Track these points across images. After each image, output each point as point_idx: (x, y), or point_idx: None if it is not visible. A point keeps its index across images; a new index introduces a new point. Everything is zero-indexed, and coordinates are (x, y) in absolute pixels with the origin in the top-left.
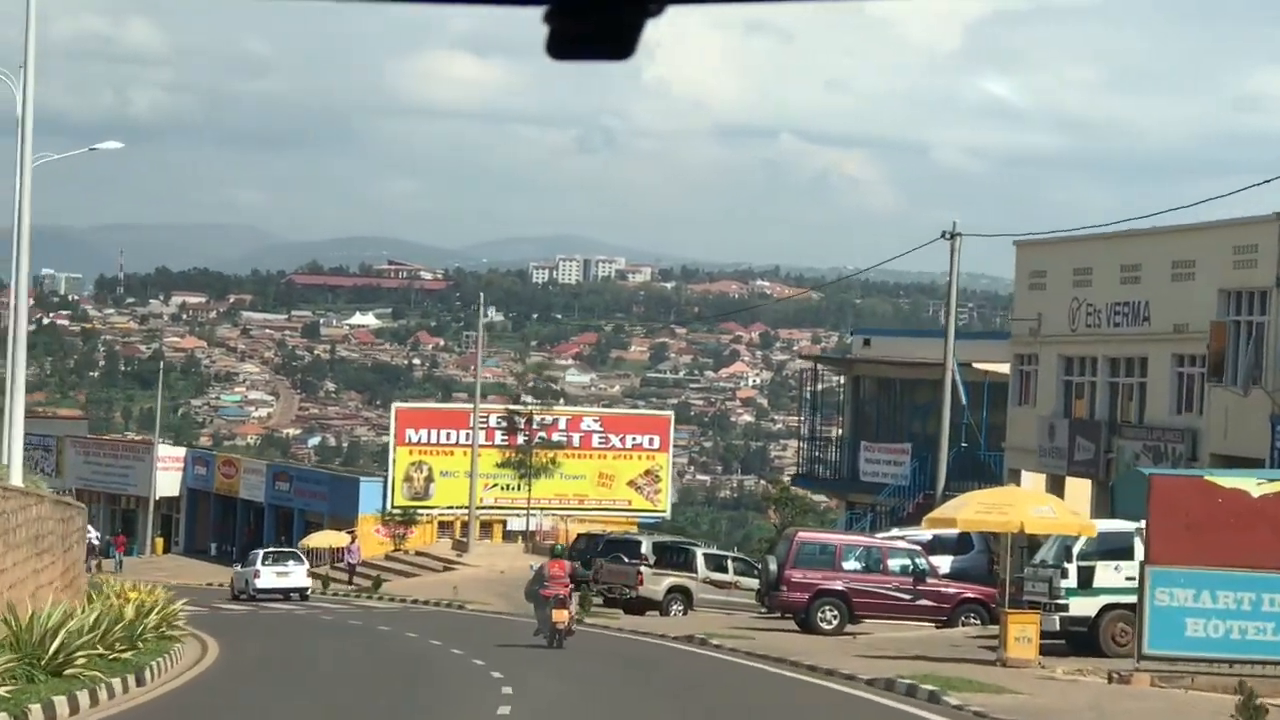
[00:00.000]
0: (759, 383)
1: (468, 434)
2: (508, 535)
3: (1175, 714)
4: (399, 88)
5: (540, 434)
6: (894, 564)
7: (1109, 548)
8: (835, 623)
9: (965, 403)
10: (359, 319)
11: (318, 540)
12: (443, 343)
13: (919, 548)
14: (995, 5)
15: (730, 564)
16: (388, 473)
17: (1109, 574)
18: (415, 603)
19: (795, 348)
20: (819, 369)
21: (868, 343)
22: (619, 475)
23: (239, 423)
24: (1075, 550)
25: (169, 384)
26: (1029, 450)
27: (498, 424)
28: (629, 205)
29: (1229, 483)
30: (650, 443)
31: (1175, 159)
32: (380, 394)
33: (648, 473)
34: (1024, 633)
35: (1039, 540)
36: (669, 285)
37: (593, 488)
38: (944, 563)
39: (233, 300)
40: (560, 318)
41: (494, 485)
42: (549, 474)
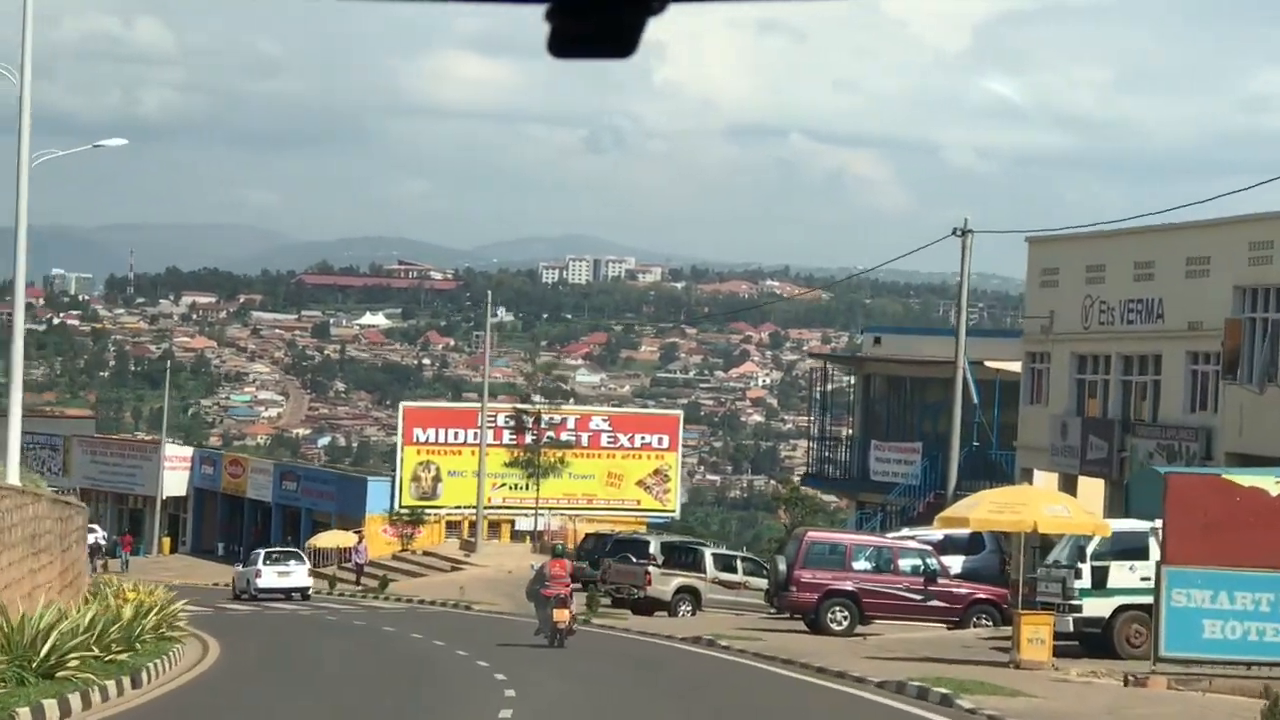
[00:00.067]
0: (769, 383)
1: (476, 433)
2: (516, 535)
3: (1195, 718)
4: (409, 88)
5: (548, 433)
6: (905, 564)
7: (1123, 548)
8: (845, 623)
9: (976, 401)
10: (369, 319)
11: (325, 540)
12: (453, 343)
13: (930, 548)
14: (1004, 5)
15: (739, 564)
16: (395, 472)
17: (1123, 574)
18: (422, 603)
19: (805, 347)
20: (829, 368)
21: (878, 341)
22: (628, 475)
23: (249, 423)
24: (1089, 550)
25: (179, 384)
26: (1041, 449)
27: (506, 423)
28: (639, 205)
29: (1247, 481)
30: (659, 442)
31: (1186, 159)
32: (390, 394)
33: (657, 472)
34: (1037, 634)
35: (1051, 540)
36: (679, 285)
37: (601, 487)
38: (955, 563)
39: (243, 300)
40: (570, 317)
41: (502, 485)
42: (557, 474)
